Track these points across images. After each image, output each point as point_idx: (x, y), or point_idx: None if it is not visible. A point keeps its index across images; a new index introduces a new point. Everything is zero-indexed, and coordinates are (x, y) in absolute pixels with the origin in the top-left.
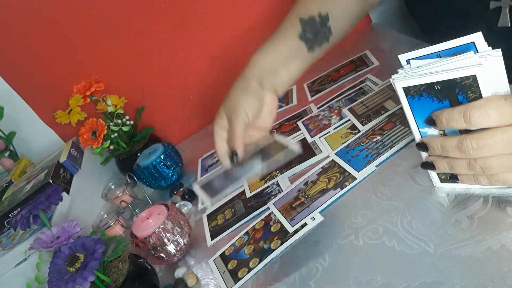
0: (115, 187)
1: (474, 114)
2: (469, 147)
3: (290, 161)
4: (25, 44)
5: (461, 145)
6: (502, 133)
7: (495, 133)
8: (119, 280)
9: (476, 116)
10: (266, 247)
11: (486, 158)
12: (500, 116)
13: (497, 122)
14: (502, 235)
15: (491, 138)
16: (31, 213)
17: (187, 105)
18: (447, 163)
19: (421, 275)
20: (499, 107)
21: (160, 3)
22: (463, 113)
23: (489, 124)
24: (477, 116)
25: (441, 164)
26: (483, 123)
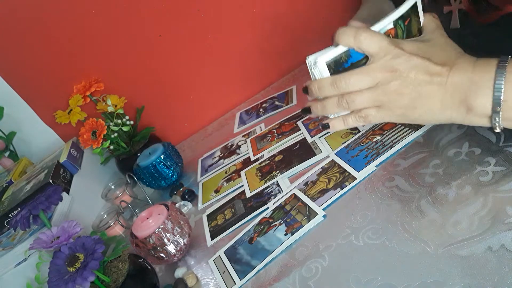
0: (115, 187)
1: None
2: (341, 82)
3: (290, 160)
4: (25, 44)
5: (335, 81)
6: (367, 72)
7: (363, 70)
8: (119, 280)
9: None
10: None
11: (353, 94)
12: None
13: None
14: (502, 235)
15: (359, 74)
16: (31, 213)
17: (187, 105)
18: (320, 104)
19: (421, 275)
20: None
21: (160, 3)
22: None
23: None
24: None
25: (315, 107)
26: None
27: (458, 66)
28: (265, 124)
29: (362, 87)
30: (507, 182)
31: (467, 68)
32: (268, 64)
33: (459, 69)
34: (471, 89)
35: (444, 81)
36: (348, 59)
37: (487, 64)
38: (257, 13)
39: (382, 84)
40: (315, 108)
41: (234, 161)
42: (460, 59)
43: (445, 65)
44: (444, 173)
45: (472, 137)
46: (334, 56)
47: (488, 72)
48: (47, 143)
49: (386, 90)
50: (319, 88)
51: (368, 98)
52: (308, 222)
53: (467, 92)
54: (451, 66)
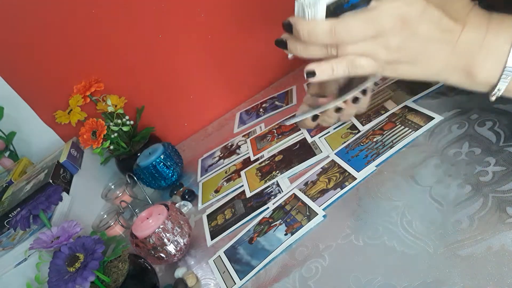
0: (115, 187)
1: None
2: (341, 31)
3: (290, 160)
4: (25, 44)
5: (334, 28)
6: (373, 19)
7: (368, 17)
8: (119, 280)
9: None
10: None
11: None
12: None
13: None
14: (502, 235)
15: (364, 22)
16: (31, 213)
17: (187, 105)
18: (301, 45)
19: (421, 275)
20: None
21: (160, 3)
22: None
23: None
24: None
25: (294, 45)
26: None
27: (471, 23)
28: (265, 124)
29: (364, 37)
30: (507, 182)
31: (481, 26)
32: (268, 64)
33: (472, 26)
34: (481, 51)
35: (455, 39)
36: (348, 1)
37: (503, 23)
38: (257, 13)
39: (386, 35)
40: (293, 46)
41: (234, 161)
42: (472, 13)
43: (458, 21)
44: (444, 173)
45: (472, 137)
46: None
47: (504, 32)
48: (47, 143)
49: (389, 44)
50: (310, 32)
51: (364, 48)
52: (308, 222)
53: (476, 54)
54: (463, 22)
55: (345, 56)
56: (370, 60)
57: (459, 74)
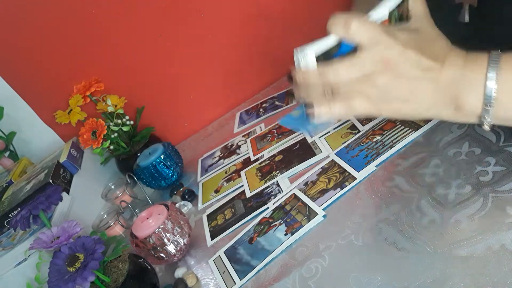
0: (115, 187)
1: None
2: (328, 73)
3: (290, 160)
4: (25, 44)
5: (322, 72)
6: (357, 62)
7: (352, 61)
8: (119, 280)
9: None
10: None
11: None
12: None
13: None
14: (502, 235)
15: (348, 65)
16: (31, 213)
17: (187, 105)
18: (304, 91)
19: (421, 275)
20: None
21: (160, 3)
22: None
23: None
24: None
25: (298, 93)
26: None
27: (450, 61)
28: (265, 124)
29: (351, 79)
30: (507, 182)
31: (459, 63)
32: (268, 64)
33: (451, 64)
34: (461, 85)
35: (437, 77)
36: (337, 51)
37: (477, 59)
38: (257, 13)
39: (371, 76)
40: (298, 93)
41: (234, 161)
42: (451, 52)
43: (437, 60)
44: (444, 173)
45: (472, 137)
46: (324, 48)
47: (478, 68)
48: (47, 143)
49: (375, 82)
50: (304, 77)
51: (355, 88)
52: (308, 222)
53: (458, 88)
54: (442, 61)
55: (339, 97)
56: (363, 100)
57: (449, 108)
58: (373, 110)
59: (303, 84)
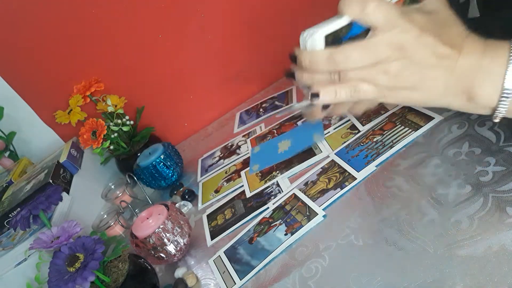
0: (115, 187)
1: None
2: (339, 58)
3: (290, 160)
4: (25, 44)
5: (332, 56)
6: (371, 47)
7: (366, 45)
8: (119, 280)
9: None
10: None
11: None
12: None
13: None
14: (502, 235)
15: (361, 49)
16: (31, 213)
17: (187, 105)
18: (307, 75)
19: (421, 275)
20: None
21: (160, 3)
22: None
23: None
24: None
25: (301, 75)
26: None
27: (468, 49)
28: (265, 124)
29: (362, 64)
30: (507, 182)
31: (477, 51)
32: (268, 64)
33: (468, 52)
34: (478, 75)
35: (452, 65)
36: (348, 33)
37: (498, 48)
38: (257, 13)
39: (384, 62)
40: (300, 75)
41: (234, 161)
42: (468, 39)
43: (454, 47)
44: (444, 173)
45: (472, 137)
46: (335, 29)
47: (498, 57)
48: (47, 143)
49: (388, 69)
50: (311, 61)
51: (365, 74)
52: (308, 222)
53: (474, 78)
54: (460, 48)
55: (347, 81)
56: (371, 85)
57: (461, 98)
58: (380, 96)
59: (309, 66)
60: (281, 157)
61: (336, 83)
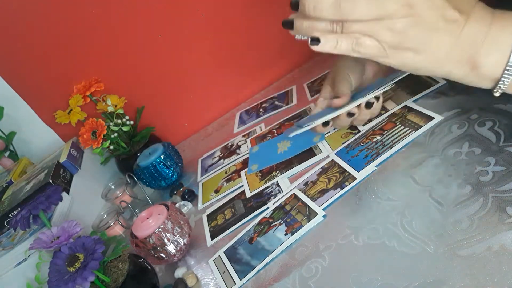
0: (115, 187)
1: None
2: (346, 5)
3: (290, 160)
4: (25, 44)
5: (339, 2)
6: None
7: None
8: (119, 280)
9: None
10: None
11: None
12: None
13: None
14: (502, 235)
15: (369, 1)
16: (31, 213)
17: (187, 105)
18: (307, 22)
19: (421, 275)
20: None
21: (160, 3)
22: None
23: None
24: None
25: (300, 23)
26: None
27: (476, 16)
28: (265, 124)
29: (368, 16)
30: (507, 182)
31: (485, 19)
32: (268, 64)
33: (476, 19)
34: (485, 44)
35: (459, 31)
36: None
37: (507, 18)
38: (257, 13)
39: (390, 17)
40: (300, 24)
41: (234, 161)
42: (477, 6)
43: (462, 12)
44: (444, 173)
45: (472, 137)
46: None
47: (507, 26)
48: (47, 143)
49: (393, 26)
50: (316, 6)
51: (369, 28)
52: (308, 222)
53: (480, 47)
54: (467, 14)
55: (350, 33)
56: (374, 41)
57: (463, 66)
58: (381, 55)
59: (313, 13)
60: (281, 157)
61: (338, 33)
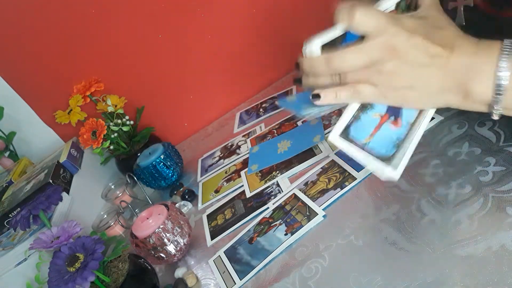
0: (115, 187)
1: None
2: (335, 60)
3: (290, 160)
4: (25, 44)
5: (328, 59)
6: (363, 49)
7: (358, 48)
8: (119, 280)
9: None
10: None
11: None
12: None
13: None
14: (502, 235)
15: (354, 52)
16: (31, 213)
17: (187, 105)
18: (312, 77)
19: (421, 275)
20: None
21: (160, 3)
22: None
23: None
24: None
25: (306, 79)
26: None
27: (460, 48)
28: (265, 124)
29: (357, 66)
30: (507, 182)
31: (469, 50)
32: (268, 64)
33: (460, 51)
34: (471, 73)
35: (445, 63)
36: (343, 40)
37: (489, 47)
38: (257, 13)
39: (378, 63)
40: (306, 80)
41: (234, 161)
42: (460, 40)
43: (446, 46)
44: (444, 173)
45: (472, 137)
46: (330, 37)
47: (490, 56)
48: (47, 143)
49: (382, 69)
50: (311, 65)
51: (361, 75)
52: (308, 222)
53: (467, 76)
54: (451, 47)
55: (347, 83)
56: (370, 86)
57: (457, 96)
58: (379, 97)
59: (310, 71)
60: (281, 157)
61: (336, 85)
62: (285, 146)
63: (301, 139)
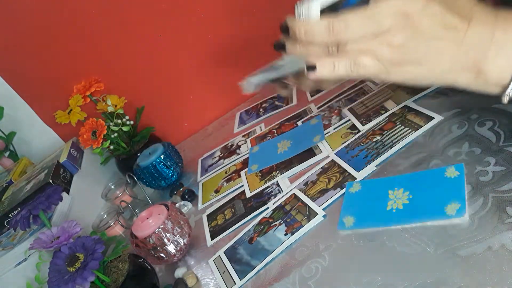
0: (115, 187)
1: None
2: (339, 26)
3: (290, 160)
4: (25, 44)
5: (332, 25)
6: (374, 15)
7: (368, 13)
8: (119, 280)
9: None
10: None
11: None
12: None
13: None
14: (502, 235)
15: (363, 18)
16: (31, 213)
17: (187, 105)
18: (301, 46)
19: (421, 275)
20: None
21: (160, 3)
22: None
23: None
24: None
25: (293, 47)
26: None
27: (477, 20)
28: (265, 124)
29: (364, 35)
30: (507, 182)
31: (488, 21)
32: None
33: (478, 23)
34: (490, 48)
35: (461, 37)
36: (344, 2)
37: (510, 19)
38: (256, 13)
39: (387, 32)
40: (293, 48)
41: (234, 161)
42: (477, 9)
43: (463, 17)
44: None
45: (472, 137)
46: (334, 0)
47: (510, 29)
48: (47, 143)
49: (391, 41)
50: (307, 32)
51: (366, 46)
52: (308, 222)
53: (485, 51)
54: (469, 18)
55: (345, 55)
56: (373, 59)
57: (468, 74)
58: (381, 73)
59: (305, 38)
60: (281, 157)
61: (334, 55)
62: (285, 146)
63: (301, 139)
